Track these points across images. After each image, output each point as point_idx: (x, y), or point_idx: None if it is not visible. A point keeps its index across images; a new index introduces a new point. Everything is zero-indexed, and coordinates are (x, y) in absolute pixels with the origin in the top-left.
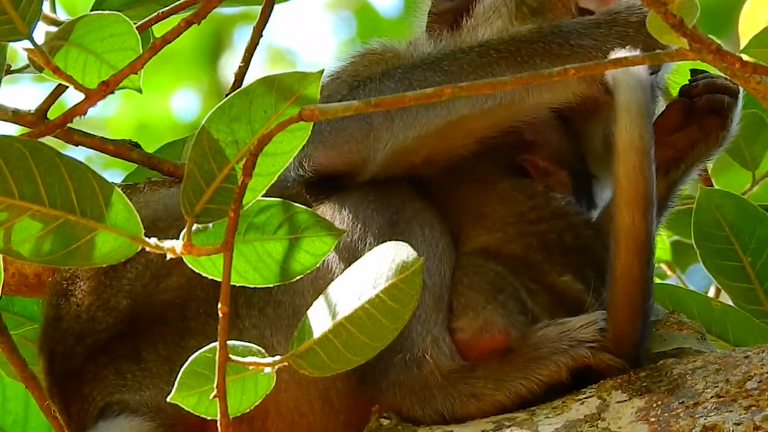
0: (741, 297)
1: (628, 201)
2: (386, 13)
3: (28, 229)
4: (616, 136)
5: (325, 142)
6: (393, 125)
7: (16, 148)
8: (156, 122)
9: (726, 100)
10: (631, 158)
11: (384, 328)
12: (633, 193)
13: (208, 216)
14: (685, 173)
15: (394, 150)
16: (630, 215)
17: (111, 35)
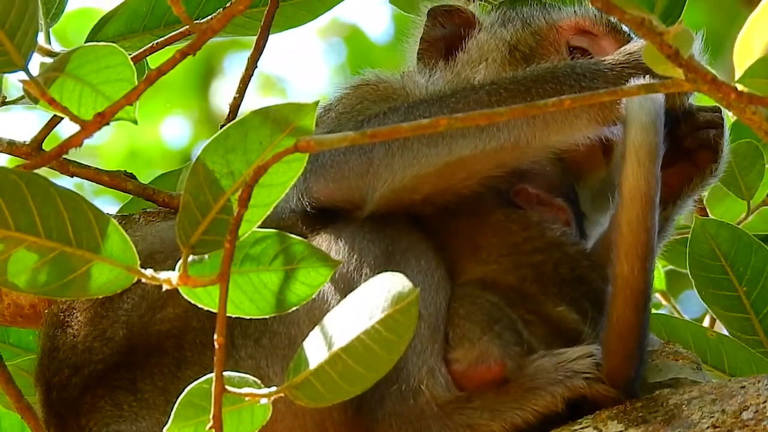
0: (736, 327)
1: (628, 251)
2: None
3: (23, 261)
4: (622, 179)
5: (326, 176)
6: (393, 163)
7: (11, 180)
8: (147, 150)
9: (712, 134)
10: (635, 207)
11: (380, 359)
12: (634, 243)
13: (203, 247)
14: (680, 206)
15: (393, 188)
16: (629, 265)
17: (106, 66)
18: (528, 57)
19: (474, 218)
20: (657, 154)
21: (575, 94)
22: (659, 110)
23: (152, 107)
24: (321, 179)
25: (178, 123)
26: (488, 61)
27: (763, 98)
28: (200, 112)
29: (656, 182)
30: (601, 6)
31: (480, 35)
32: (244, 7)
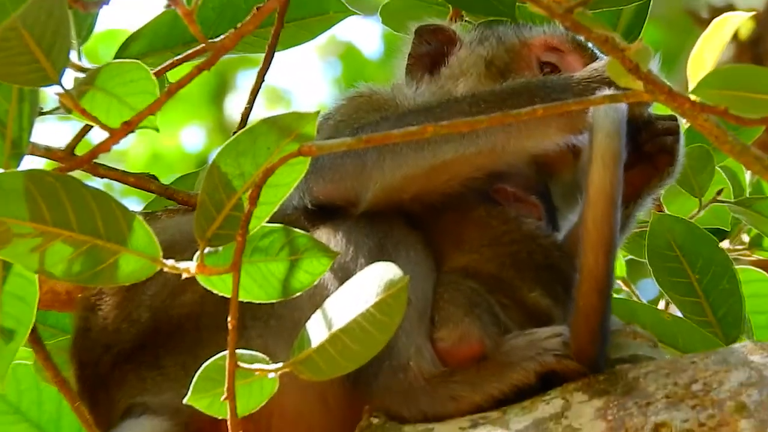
0: (689, 309)
1: (593, 244)
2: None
3: (59, 253)
4: (589, 180)
5: (324, 177)
6: (384, 165)
7: (48, 181)
8: (167, 154)
9: (670, 140)
10: (600, 205)
11: (374, 339)
12: (598, 237)
13: (218, 240)
14: (641, 204)
15: (384, 188)
16: (594, 257)
17: (131, 80)
18: (503, 71)
19: (458, 214)
20: (620, 159)
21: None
22: (622, 119)
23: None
24: (320, 180)
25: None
26: (468, 75)
27: (713, 107)
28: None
29: (619, 184)
30: (570, 25)
31: (461, 52)
32: (253, 28)
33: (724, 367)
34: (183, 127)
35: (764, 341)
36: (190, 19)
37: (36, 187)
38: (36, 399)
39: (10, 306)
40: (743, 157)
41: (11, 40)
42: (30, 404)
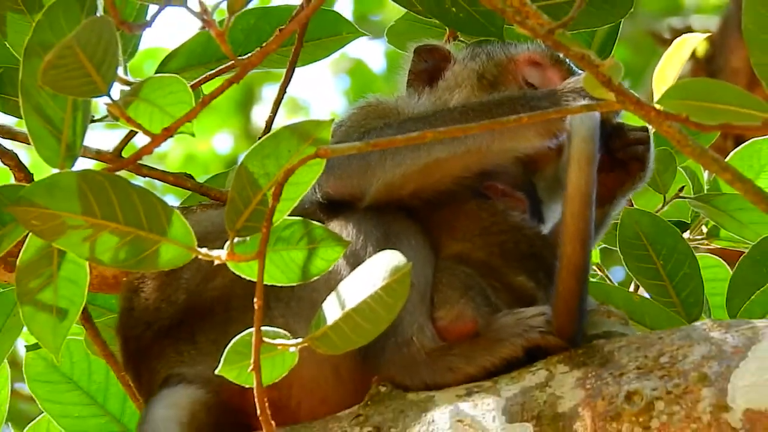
0: (655, 291)
1: (571, 236)
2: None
3: (107, 242)
4: (567, 180)
5: (334, 175)
6: (385, 164)
7: (98, 180)
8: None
9: (641, 149)
10: (576, 203)
11: (381, 317)
12: (575, 231)
13: (246, 231)
14: (616, 204)
15: (385, 184)
16: (572, 247)
17: (171, 92)
18: (493, 84)
19: (452, 207)
20: (594, 161)
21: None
22: (596, 126)
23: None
24: (331, 178)
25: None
26: (462, 86)
27: (676, 115)
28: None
29: (593, 183)
30: (551, 44)
31: (455, 67)
32: (276, 47)
33: (687, 342)
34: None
35: (721, 320)
36: (221, 39)
37: (87, 185)
38: (86, 370)
39: (64, 288)
40: (702, 158)
41: (67, 57)
42: (81, 375)
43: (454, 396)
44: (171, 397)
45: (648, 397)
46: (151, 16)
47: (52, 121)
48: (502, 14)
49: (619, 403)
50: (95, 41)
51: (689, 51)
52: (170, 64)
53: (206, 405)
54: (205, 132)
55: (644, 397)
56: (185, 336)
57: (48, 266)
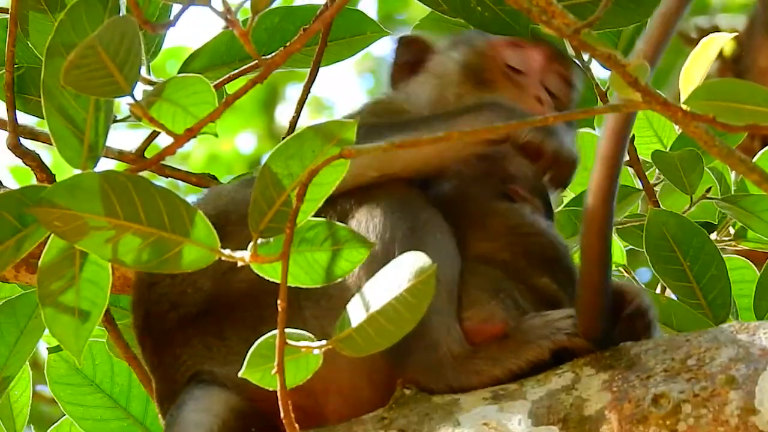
0: (682, 293)
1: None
2: None
3: (130, 243)
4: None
5: None
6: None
7: (121, 181)
8: (224, 156)
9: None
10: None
11: (406, 319)
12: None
13: (269, 232)
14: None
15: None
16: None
17: (194, 92)
18: (476, 72)
19: (481, 206)
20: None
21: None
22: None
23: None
24: None
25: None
26: (445, 77)
27: (703, 116)
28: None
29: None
30: (577, 44)
31: (436, 58)
32: (301, 46)
33: (714, 344)
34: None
35: (749, 321)
36: (245, 38)
37: (110, 185)
38: (109, 372)
39: (87, 290)
40: (729, 159)
41: (89, 57)
42: (103, 377)
43: (480, 399)
44: (203, 400)
45: (675, 399)
46: (174, 15)
47: (74, 121)
48: (528, 14)
49: (646, 406)
50: (118, 41)
51: (716, 51)
52: (193, 64)
53: (239, 410)
54: (229, 132)
55: (671, 400)
56: (213, 330)
57: (70, 268)
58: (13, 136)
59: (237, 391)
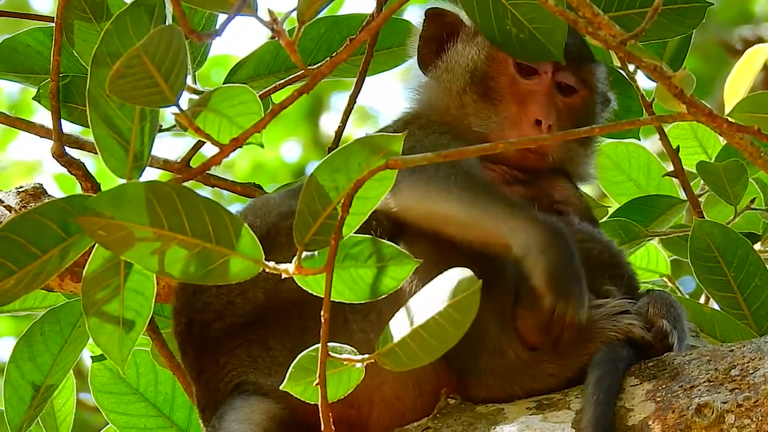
0: (726, 304)
1: None
2: None
3: (176, 254)
4: None
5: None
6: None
7: (166, 191)
8: (269, 165)
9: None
10: None
11: (450, 334)
12: None
13: (314, 245)
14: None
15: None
16: None
17: (240, 102)
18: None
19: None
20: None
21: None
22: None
23: (274, 133)
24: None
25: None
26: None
27: (748, 127)
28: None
29: None
30: (623, 56)
31: (458, 45)
32: (347, 56)
33: (758, 354)
34: (283, 141)
35: None
36: (291, 48)
37: (155, 196)
38: (153, 381)
39: (131, 300)
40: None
41: (135, 66)
42: (147, 386)
43: (524, 408)
44: (245, 410)
45: (718, 410)
46: (220, 24)
47: (119, 130)
48: (575, 25)
49: (690, 416)
50: (164, 50)
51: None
52: (239, 74)
53: (281, 420)
54: (274, 141)
55: (714, 410)
56: (259, 340)
57: (115, 277)
58: (58, 145)
59: (280, 400)
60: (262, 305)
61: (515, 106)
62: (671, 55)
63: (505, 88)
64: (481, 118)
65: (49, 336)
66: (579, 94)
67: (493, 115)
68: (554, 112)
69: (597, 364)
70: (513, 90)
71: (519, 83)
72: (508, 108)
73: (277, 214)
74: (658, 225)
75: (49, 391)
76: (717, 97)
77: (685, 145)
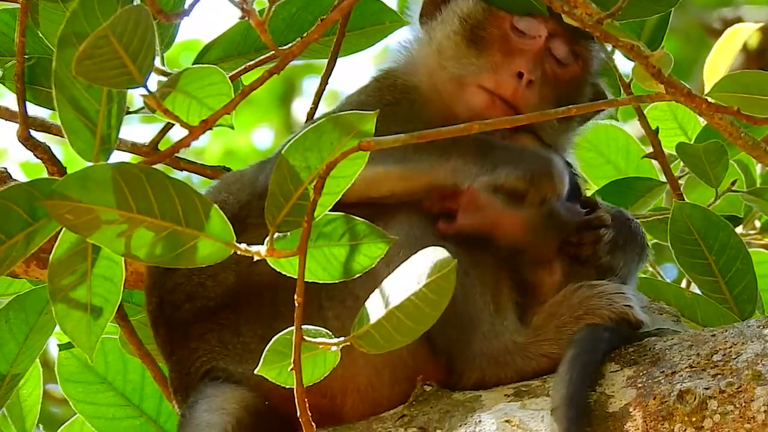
0: (707, 288)
1: None
2: None
3: (143, 237)
4: None
5: None
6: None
7: (134, 173)
8: (240, 151)
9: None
10: None
11: (426, 315)
12: None
13: (286, 226)
14: None
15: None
16: None
17: (209, 84)
18: (474, 27)
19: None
20: None
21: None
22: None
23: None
24: None
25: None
26: (446, 26)
27: (727, 107)
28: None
29: None
30: (600, 35)
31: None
32: (318, 36)
33: (740, 339)
34: (254, 127)
35: None
36: (262, 29)
37: (123, 178)
38: (121, 370)
39: (99, 285)
40: (754, 151)
41: (102, 47)
42: (116, 375)
43: (502, 396)
44: (217, 398)
45: (701, 396)
46: (189, 4)
47: (86, 112)
48: (550, 3)
49: (671, 402)
50: (131, 31)
51: (741, 42)
52: (208, 55)
53: (254, 409)
54: (245, 126)
55: (697, 396)
56: (230, 325)
57: (82, 262)
58: (24, 128)
59: (252, 388)
60: (233, 288)
61: (501, 57)
62: (649, 35)
63: (495, 41)
64: (460, 61)
65: (14, 324)
66: (569, 68)
67: (474, 60)
68: (539, 72)
69: (574, 343)
70: (502, 44)
71: (511, 40)
72: (493, 57)
73: (250, 192)
74: (637, 208)
75: (14, 381)
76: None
77: (664, 126)
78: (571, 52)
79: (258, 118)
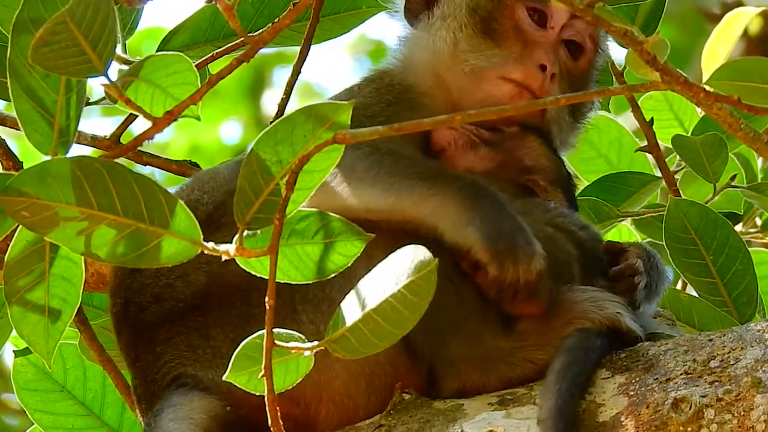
0: (704, 290)
1: None
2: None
3: (104, 236)
4: None
5: None
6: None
7: (95, 167)
8: (207, 146)
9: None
10: None
11: (405, 318)
12: None
13: (256, 224)
14: None
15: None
16: None
17: (174, 72)
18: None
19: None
20: None
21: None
22: None
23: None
24: None
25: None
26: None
27: (726, 97)
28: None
29: None
30: (591, 19)
31: None
32: (290, 22)
33: (740, 344)
34: (222, 121)
35: None
36: (230, 13)
37: (82, 172)
38: (81, 377)
39: (57, 287)
40: (755, 143)
41: (60, 33)
42: (75, 382)
43: (486, 404)
44: (184, 407)
45: (697, 404)
46: None
47: (43, 103)
48: None
49: (666, 411)
50: (91, 16)
51: (741, 27)
52: (173, 41)
53: (223, 420)
54: (211, 120)
55: (693, 404)
56: (199, 328)
57: (39, 262)
58: None
59: (221, 397)
60: (204, 290)
61: (520, 48)
62: (644, 19)
63: (510, 31)
64: (480, 53)
65: None
66: (585, 56)
67: (495, 50)
68: (558, 65)
69: (564, 351)
70: (518, 35)
71: (525, 31)
72: (513, 47)
73: (226, 191)
74: (630, 204)
75: None
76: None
77: (659, 117)
78: (589, 36)
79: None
